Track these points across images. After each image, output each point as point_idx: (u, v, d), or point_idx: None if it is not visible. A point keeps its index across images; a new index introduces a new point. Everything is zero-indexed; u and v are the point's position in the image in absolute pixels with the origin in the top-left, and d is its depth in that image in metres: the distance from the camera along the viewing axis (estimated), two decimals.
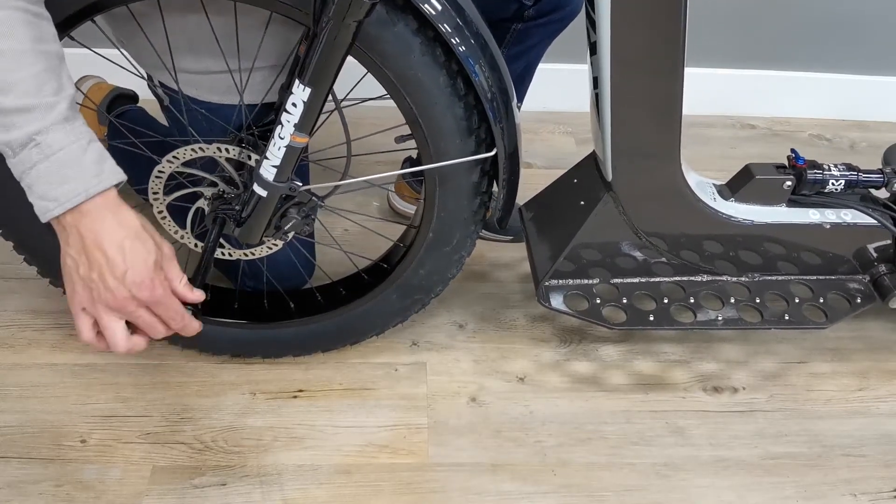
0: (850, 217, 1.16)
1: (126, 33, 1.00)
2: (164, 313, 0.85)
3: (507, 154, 0.98)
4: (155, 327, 0.86)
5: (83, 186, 0.77)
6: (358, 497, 1.05)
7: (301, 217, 0.99)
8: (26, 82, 0.74)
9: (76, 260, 0.81)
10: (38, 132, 0.75)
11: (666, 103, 1.01)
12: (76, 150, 0.77)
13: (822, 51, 1.82)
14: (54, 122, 0.75)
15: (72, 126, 0.77)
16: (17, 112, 0.74)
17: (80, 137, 0.78)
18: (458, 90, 0.93)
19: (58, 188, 0.77)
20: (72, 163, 0.77)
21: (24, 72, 0.74)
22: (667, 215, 1.13)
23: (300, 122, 0.87)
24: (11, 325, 1.24)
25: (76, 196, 0.77)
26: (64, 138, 0.76)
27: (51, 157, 0.76)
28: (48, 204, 0.77)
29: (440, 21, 0.86)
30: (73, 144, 0.77)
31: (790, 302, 1.19)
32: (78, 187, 0.77)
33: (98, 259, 0.80)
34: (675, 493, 1.08)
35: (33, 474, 1.04)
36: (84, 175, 0.77)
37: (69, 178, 0.77)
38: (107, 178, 0.79)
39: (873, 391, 1.23)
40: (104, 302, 0.82)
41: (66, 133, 0.76)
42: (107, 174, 0.79)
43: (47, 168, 0.76)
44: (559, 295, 1.17)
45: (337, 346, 1.21)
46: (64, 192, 0.77)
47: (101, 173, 0.79)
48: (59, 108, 0.76)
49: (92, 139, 0.79)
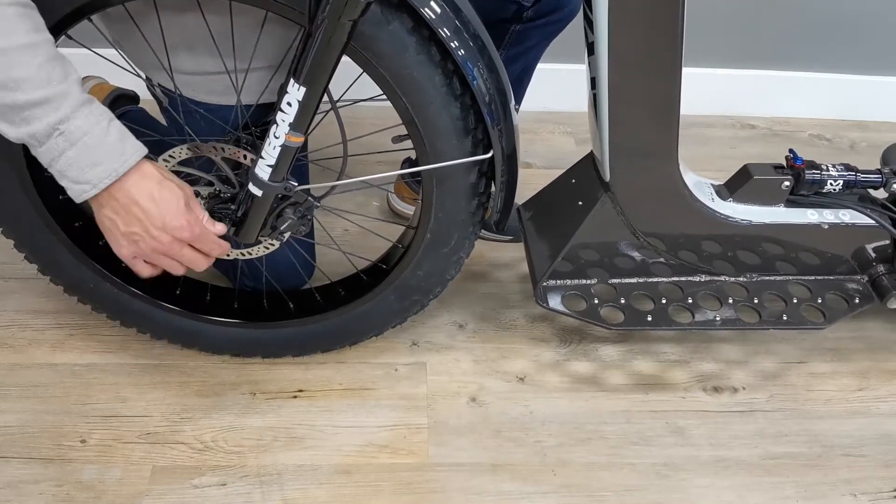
0: (848, 217, 1.16)
1: (121, 33, 1.00)
2: (204, 246, 0.92)
3: (504, 156, 0.98)
4: (198, 261, 0.93)
5: (112, 167, 0.81)
6: (358, 497, 1.05)
7: (297, 217, 0.99)
8: (35, 75, 0.76)
9: (113, 220, 0.86)
10: (60, 121, 0.78)
11: (664, 103, 1.01)
12: (99, 132, 0.80)
13: (822, 51, 1.82)
14: (73, 108, 0.78)
15: (90, 109, 0.80)
16: (33, 106, 0.76)
17: (101, 119, 0.81)
18: (455, 90, 0.93)
19: (89, 172, 0.81)
20: (98, 146, 0.80)
21: (30, 65, 0.75)
22: (665, 215, 1.13)
23: (295, 122, 0.87)
24: (11, 325, 1.24)
25: (108, 177, 0.81)
26: (85, 123, 0.79)
27: (76, 143, 0.79)
28: (83, 187, 0.82)
29: (440, 25, 0.86)
30: (95, 127, 0.79)
31: (788, 302, 1.19)
32: (108, 168, 0.81)
33: (136, 213, 0.85)
34: (675, 493, 1.08)
35: (33, 474, 1.04)
36: (111, 156, 0.81)
37: (98, 160, 0.80)
38: (131, 156, 0.83)
39: (873, 391, 1.23)
40: (152, 249, 0.88)
41: (87, 117, 0.79)
42: (130, 152, 0.83)
43: (76, 154, 0.79)
44: (557, 295, 1.17)
45: (336, 346, 1.21)
46: (96, 175, 0.81)
47: (125, 152, 0.82)
48: (73, 93, 0.78)
49: (111, 118, 0.82)
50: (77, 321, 1.24)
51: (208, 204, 1.01)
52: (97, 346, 1.21)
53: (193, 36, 0.96)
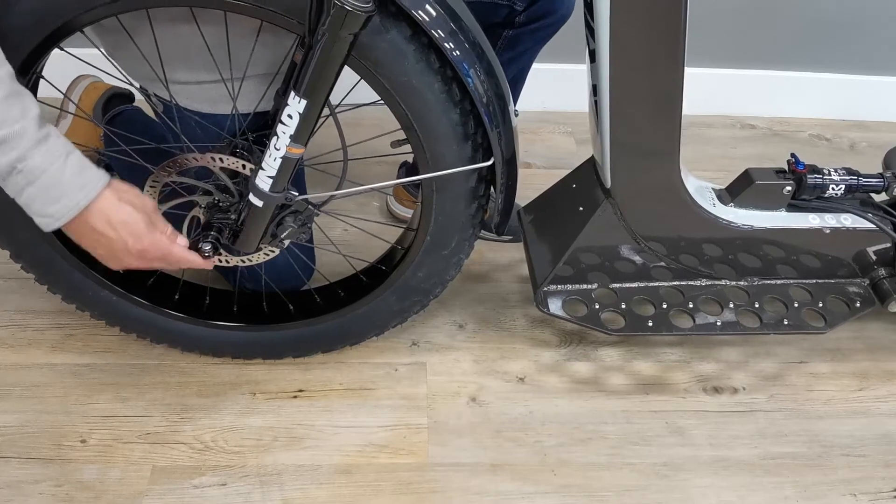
0: (849, 222, 1.16)
1: (114, 44, 1.00)
2: (171, 261, 0.93)
3: (504, 160, 0.98)
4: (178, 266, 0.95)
5: (73, 202, 0.82)
6: (358, 497, 1.05)
7: (298, 225, 0.99)
8: None
9: (91, 246, 0.89)
10: (17, 160, 0.78)
11: (665, 110, 1.00)
12: (55, 170, 0.80)
13: (822, 51, 1.82)
14: (29, 147, 0.78)
15: (46, 146, 0.80)
16: None
17: (57, 156, 0.81)
18: (454, 96, 0.92)
19: (51, 206, 0.82)
20: (56, 183, 0.81)
21: None
22: (666, 220, 1.13)
23: (296, 134, 0.87)
24: (11, 325, 1.24)
25: (69, 211, 0.83)
26: (42, 161, 0.79)
27: (35, 181, 0.80)
28: (47, 220, 0.83)
29: (433, 27, 0.85)
30: (52, 166, 0.80)
31: (789, 306, 1.19)
32: (69, 203, 0.82)
33: (100, 240, 0.87)
34: (675, 493, 1.08)
35: (33, 474, 1.04)
36: (71, 190, 0.82)
37: (58, 196, 0.82)
38: (91, 189, 0.83)
39: (873, 391, 1.23)
40: (130, 265, 0.90)
41: (43, 155, 0.80)
42: (90, 184, 0.83)
43: (36, 190, 0.81)
44: (558, 300, 1.17)
45: (336, 347, 1.21)
46: (57, 210, 0.82)
47: (85, 185, 0.83)
48: (30, 131, 0.79)
49: (69, 152, 0.82)
50: (77, 321, 1.24)
51: (207, 214, 1.00)
52: (97, 346, 1.21)
53: (187, 46, 0.95)
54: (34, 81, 0.94)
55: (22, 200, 0.82)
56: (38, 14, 0.84)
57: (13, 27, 0.84)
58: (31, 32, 0.85)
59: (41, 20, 0.84)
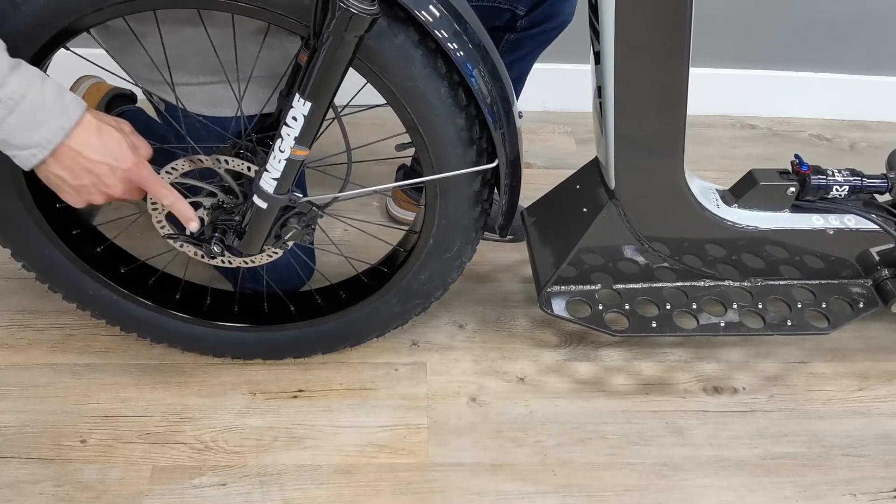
0: (853, 222, 1.16)
1: (119, 46, 1.00)
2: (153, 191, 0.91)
3: (508, 161, 0.98)
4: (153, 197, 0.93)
5: (58, 125, 0.80)
6: (358, 497, 1.05)
7: (301, 227, 0.99)
8: None
9: (61, 176, 0.84)
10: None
11: (670, 111, 1.00)
12: (35, 94, 0.78)
13: (822, 51, 1.82)
14: (4, 73, 0.76)
15: (21, 71, 0.78)
16: None
17: (34, 79, 0.79)
18: (460, 101, 0.93)
19: (35, 134, 0.79)
20: (37, 107, 0.78)
21: None
22: (670, 221, 1.13)
23: (300, 136, 0.87)
24: (11, 325, 1.24)
25: (55, 136, 0.80)
26: (19, 87, 0.77)
27: (16, 108, 0.77)
28: (31, 151, 0.80)
29: (437, 27, 0.86)
30: (30, 89, 0.78)
31: (792, 307, 1.19)
32: (54, 127, 0.79)
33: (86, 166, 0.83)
34: (675, 493, 1.08)
35: (33, 474, 1.04)
36: (53, 114, 0.79)
37: (41, 121, 0.79)
38: (74, 111, 0.81)
39: (873, 391, 1.24)
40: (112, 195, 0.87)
41: (20, 79, 0.77)
42: (72, 107, 0.81)
43: (17, 120, 0.78)
44: (561, 301, 1.17)
45: (337, 348, 1.21)
46: (43, 136, 0.79)
47: (67, 107, 0.81)
48: (2, 58, 0.76)
49: (44, 76, 0.80)
50: (77, 321, 1.24)
51: (212, 215, 1.00)
52: (97, 346, 1.21)
53: (189, 48, 0.95)
54: None
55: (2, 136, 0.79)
56: (45, 13, 0.83)
57: (21, 25, 0.84)
58: (38, 31, 0.85)
59: (49, 19, 0.84)
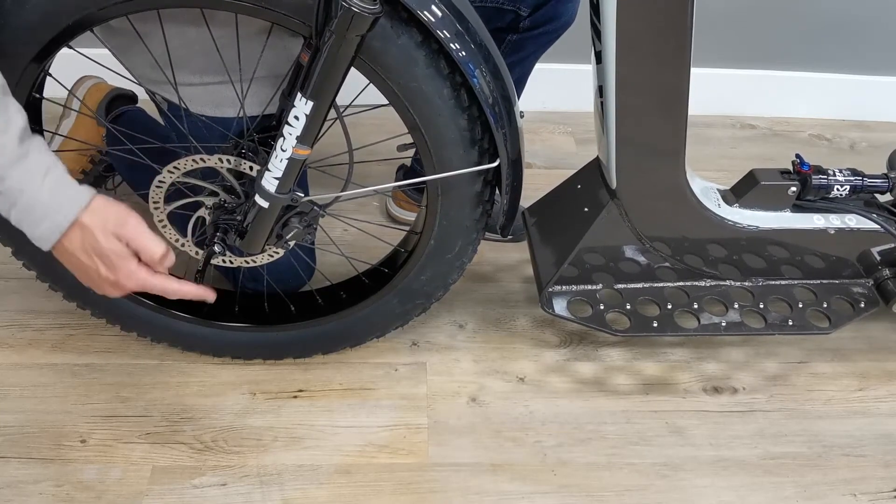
0: (854, 222, 1.16)
1: (122, 45, 1.00)
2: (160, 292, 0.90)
3: (509, 161, 0.98)
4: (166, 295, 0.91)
5: (55, 223, 0.80)
6: (358, 497, 1.05)
7: (303, 226, 0.99)
8: None
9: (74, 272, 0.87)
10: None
11: (672, 110, 1.00)
12: (33, 191, 0.78)
13: (822, 51, 1.82)
14: (6, 165, 0.76)
15: (25, 165, 0.78)
16: None
17: (35, 175, 0.78)
18: (462, 102, 0.93)
19: (37, 229, 0.81)
20: (36, 205, 0.79)
21: None
22: (671, 221, 1.13)
23: (302, 135, 0.87)
24: (11, 325, 1.24)
25: (52, 234, 0.81)
26: (19, 181, 0.78)
27: (17, 203, 0.79)
28: (39, 242, 0.82)
29: (439, 27, 0.86)
30: (29, 186, 0.78)
31: (794, 307, 1.19)
32: (51, 225, 0.80)
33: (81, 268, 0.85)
34: (675, 493, 1.08)
35: (33, 474, 1.04)
36: (49, 213, 0.80)
37: (41, 218, 0.80)
38: (69, 210, 0.81)
39: (873, 391, 1.23)
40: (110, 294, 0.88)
41: (22, 174, 0.77)
42: (67, 206, 0.81)
43: (20, 212, 0.79)
44: (562, 300, 1.17)
45: (337, 348, 1.21)
46: (42, 232, 0.81)
47: (62, 207, 0.80)
48: (9, 148, 0.76)
49: (47, 171, 0.79)
50: (77, 321, 1.24)
51: (213, 215, 1.00)
52: (97, 346, 1.21)
53: (191, 48, 0.95)
54: (41, 79, 0.94)
55: (14, 222, 0.80)
56: (50, 11, 0.83)
57: (25, 22, 0.84)
58: (42, 29, 0.85)
59: (53, 17, 0.84)
